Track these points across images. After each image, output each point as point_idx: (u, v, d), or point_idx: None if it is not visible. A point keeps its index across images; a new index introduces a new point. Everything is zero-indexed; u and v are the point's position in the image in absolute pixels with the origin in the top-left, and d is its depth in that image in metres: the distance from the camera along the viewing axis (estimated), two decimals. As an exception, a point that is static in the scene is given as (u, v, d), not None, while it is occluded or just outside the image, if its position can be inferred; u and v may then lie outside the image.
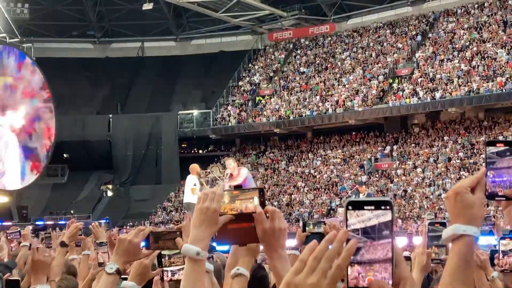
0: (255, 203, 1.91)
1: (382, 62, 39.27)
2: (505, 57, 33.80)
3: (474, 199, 1.57)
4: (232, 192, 1.96)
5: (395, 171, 34.76)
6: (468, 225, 1.54)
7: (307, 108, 39.24)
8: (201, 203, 1.93)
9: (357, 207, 1.36)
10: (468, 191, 1.58)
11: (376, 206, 1.36)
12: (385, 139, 38.15)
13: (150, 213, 40.15)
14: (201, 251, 1.89)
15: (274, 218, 1.90)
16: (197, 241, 1.90)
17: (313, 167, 38.33)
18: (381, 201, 1.36)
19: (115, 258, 2.60)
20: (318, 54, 43.42)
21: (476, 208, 1.56)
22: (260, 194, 1.92)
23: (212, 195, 1.92)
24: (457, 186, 1.59)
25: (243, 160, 42.14)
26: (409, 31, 40.44)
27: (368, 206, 1.36)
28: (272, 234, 1.89)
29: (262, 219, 1.89)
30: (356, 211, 1.36)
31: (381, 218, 1.35)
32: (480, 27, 36.92)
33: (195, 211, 1.94)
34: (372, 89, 37.65)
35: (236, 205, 1.93)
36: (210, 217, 1.90)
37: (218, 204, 1.91)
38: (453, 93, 33.57)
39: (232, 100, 44.13)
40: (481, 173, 1.60)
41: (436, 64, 36.35)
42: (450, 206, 1.59)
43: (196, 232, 1.91)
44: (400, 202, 31.77)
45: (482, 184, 1.59)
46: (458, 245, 1.55)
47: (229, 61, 45.21)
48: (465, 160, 32.92)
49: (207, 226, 1.90)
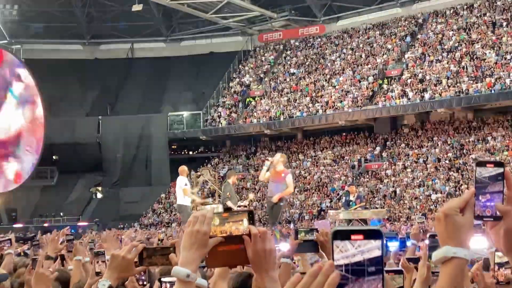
0: (245, 225, 1.92)
1: (372, 63, 39.39)
2: (494, 58, 33.98)
3: (463, 220, 1.56)
4: (222, 215, 1.96)
5: (385, 171, 34.86)
6: (459, 247, 1.53)
7: (298, 109, 39.29)
8: (191, 225, 1.93)
9: (344, 237, 1.28)
10: (457, 213, 1.56)
11: (365, 236, 1.28)
12: (375, 140, 38.26)
13: (140, 215, 40.07)
14: (191, 274, 1.90)
15: (264, 240, 1.90)
16: (187, 263, 1.91)
17: (304, 168, 38.38)
18: (370, 230, 1.29)
19: (108, 274, 2.56)
20: (308, 55, 43.50)
21: (466, 230, 1.55)
22: (249, 216, 1.93)
23: (202, 218, 1.92)
24: (446, 208, 1.57)
25: (234, 162, 42.16)
26: (398, 32, 40.59)
27: (356, 235, 1.28)
28: (262, 256, 1.88)
29: (253, 240, 1.89)
30: (343, 242, 1.28)
31: (369, 251, 1.27)
32: (469, 28, 37.09)
33: (185, 234, 1.94)
34: (362, 90, 37.75)
35: (226, 228, 1.93)
36: (200, 239, 1.90)
37: (208, 227, 1.91)
38: (442, 94, 33.71)
39: (223, 102, 44.11)
40: (470, 194, 1.58)
41: (425, 65, 36.49)
42: (440, 228, 1.57)
43: (186, 255, 1.92)
44: (390, 203, 31.86)
45: (471, 205, 1.57)
46: (448, 268, 1.53)
47: (219, 62, 45.19)
48: (454, 160, 33.06)
49: (197, 248, 1.90)
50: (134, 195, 42.01)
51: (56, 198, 41.91)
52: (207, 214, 1.94)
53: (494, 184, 1.57)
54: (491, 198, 1.57)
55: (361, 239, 1.27)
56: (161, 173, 42.24)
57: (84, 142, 42.97)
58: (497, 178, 1.57)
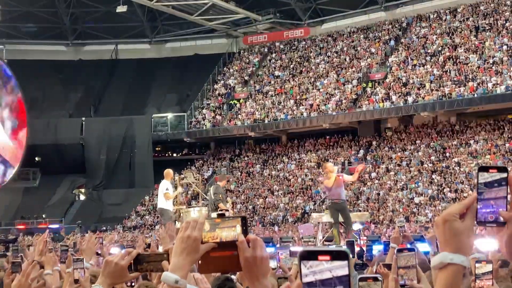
0: (238, 231, 1.89)
1: (356, 67, 39.55)
2: (476, 62, 34.26)
3: (462, 227, 1.54)
4: (214, 220, 1.93)
5: (369, 174, 35.00)
6: (456, 254, 1.52)
7: (282, 111, 39.35)
8: (182, 231, 1.92)
9: (311, 257, 1.27)
10: (456, 219, 1.54)
11: (332, 256, 1.27)
12: (359, 143, 38.42)
13: (123, 217, 39.86)
14: (180, 279, 1.89)
15: (256, 247, 1.87)
16: (177, 269, 1.90)
17: (288, 170, 38.43)
18: (337, 251, 1.28)
19: (101, 280, 2.53)
20: (293, 58, 43.58)
21: (465, 236, 1.54)
22: (242, 222, 1.90)
23: (193, 224, 1.91)
24: (445, 213, 1.55)
25: (218, 164, 42.11)
26: (382, 36, 40.80)
27: (323, 256, 1.27)
28: (253, 263, 1.86)
29: (244, 247, 1.86)
30: (310, 262, 1.27)
31: (337, 271, 1.26)
32: (452, 33, 37.38)
33: (177, 239, 1.93)
34: (346, 93, 37.89)
35: (217, 233, 1.91)
36: (190, 245, 1.89)
37: (200, 233, 1.90)
38: (426, 98, 33.93)
39: (207, 104, 44.05)
40: (471, 200, 1.55)
41: (409, 68, 36.72)
42: (439, 233, 1.55)
43: (177, 260, 1.91)
44: (373, 205, 32.00)
45: (473, 211, 1.54)
46: (444, 274, 1.53)
47: (204, 65, 45.13)
48: (437, 164, 33.29)
49: (188, 254, 1.89)
50: (117, 197, 41.81)
51: (39, 200, 41.58)
52: (199, 220, 1.93)
53: (498, 189, 1.54)
54: (494, 204, 1.54)
55: (328, 260, 1.27)
56: (144, 175, 42.04)
57: (67, 144, 42.69)
58: (501, 183, 1.54)
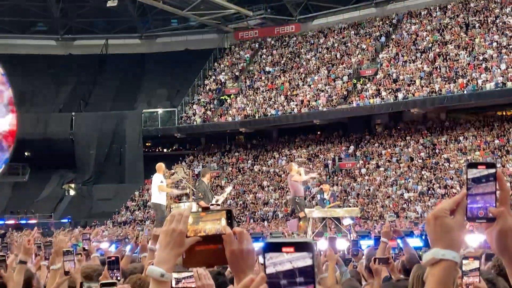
0: (223, 224, 1.88)
1: (347, 63, 39.60)
2: (466, 59, 34.40)
3: (453, 223, 1.56)
4: (199, 214, 1.92)
5: (359, 170, 35.10)
6: (447, 250, 1.53)
7: (273, 107, 39.34)
8: (167, 224, 1.91)
9: (276, 249, 1.27)
10: (447, 215, 1.56)
11: (295, 248, 1.26)
12: (349, 138, 38.50)
13: (113, 212, 39.76)
14: (166, 273, 1.88)
15: (242, 240, 1.87)
16: (162, 262, 1.89)
17: (278, 166, 38.47)
18: (301, 243, 1.27)
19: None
20: (284, 54, 43.57)
21: (456, 232, 1.55)
22: (227, 215, 1.89)
23: (178, 217, 1.90)
24: (436, 210, 1.57)
25: (208, 159, 42.08)
26: (373, 32, 40.86)
27: (287, 248, 1.26)
28: (240, 256, 1.85)
29: (232, 240, 1.85)
30: (274, 254, 1.26)
31: (300, 262, 1.25)
32: (442, 29, 37.50)
33: (161, 232, 1.92)
34: (336, 89, 37.94)
35: (200, 227, 1.90)
36: (175, 238, 1.88)
37: (185, 226, 1.89)
38: (416, 94, 34.03)
39: (198, 99, 43.98)
40: (461, 196, 1.58)
41: (399, 65, 36.81)
42: (430, 229, 1.57)
43: (162, 254, 1.90)
44: (363, 201, 32.10)
45: (463, 207, 1.57)
46: (436, 270, 1.54)
47: (195, 60, 45.01)
48: (426, 160, 33.43)
49: (173, 247, 1.88)
50: (107, 192, 41.66)
51: (28, 194, 41.38)
52: (184, 213, 1.92)
53: (486, 185, 1.56)
54: (483, 200, 1.56)
55: (291, 252, 1.26)
56: (135, 170, 41.94)
57: (57, 138, 42.48)
58: (489, 179, 1.57)
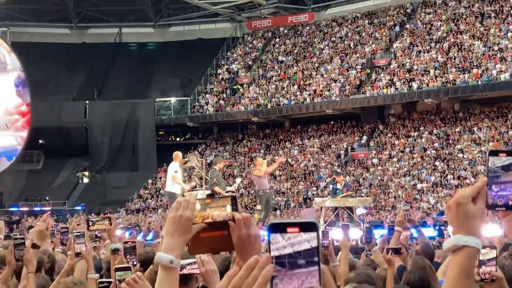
0: (228, 211, 1.90)
1: (360, 52, 39.42)
2: (481, 49, 34.12)
3: (475, 210, 1.55)
4: (205, 201, 1.94)
5: (371, 160, 35.02)
6: (470, 236, 1.53)
7: (285, 97, 39.29)
8: (174, 211, 1.93)
9: (280, 230, 1.26)
10: (469, 201, 1.55)
11: (300, 228, 1.25)
12: (362, 129, 38.39)
13: (126, 200, 40.00)
14: (175, 259, 1.91)
15: (250, 225, 1.88)
16: (170, 249, 1.91)
17: (291, 156, 38.45)
18: (306, 223, 1.26)
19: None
20: (297, 43, 43.43)
21: (477, 219, 1.55)
22: (232, 202, 1.91)
23: (185, 203, 1.92)
24: (458, 196, 1.56)
25: (221, 149, 42.15)
26: (387, 22, 40.61)
27: (292, 228, 1.25)
28: (247, 241, 1.87)
29: (240, 225, 1.87)
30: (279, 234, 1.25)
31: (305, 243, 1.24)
32: (457, 19, 37.21)
33: (168, 219, 1.94)
34: (349, 79, 37.80)
35: (207, 213, 1.92)
36: (183, 225, 1.90)
37: (191, 212, 1.91)
38: (430, 84, 33.84)
39: (210, 88, 44.00)
40: (483, 183, 1.57)
41: (413, 55, 36.59)
42: (451, 216, 1.56)
43: (169, 241, 1.92)
44: (376, 191, 32.05)
45: (483, 194, 1.56)
46: (459, 256, 1.54)
47: (208, 49, 44.99)
48: (440, 150, 33.28)
49: (180, 234, 1.90)
50: (120, 181, 41.90)
51: (42, 182, 41.69)
52: (190, 200, 1.94)
53: (507, 173, 1.56)
54: (504, 188, 1.56)
55: (297, 232, 1.26)
56: (147, 159, 42.15)
57: (71, 127, 42.72)
58: (510, 168, 1.56)
